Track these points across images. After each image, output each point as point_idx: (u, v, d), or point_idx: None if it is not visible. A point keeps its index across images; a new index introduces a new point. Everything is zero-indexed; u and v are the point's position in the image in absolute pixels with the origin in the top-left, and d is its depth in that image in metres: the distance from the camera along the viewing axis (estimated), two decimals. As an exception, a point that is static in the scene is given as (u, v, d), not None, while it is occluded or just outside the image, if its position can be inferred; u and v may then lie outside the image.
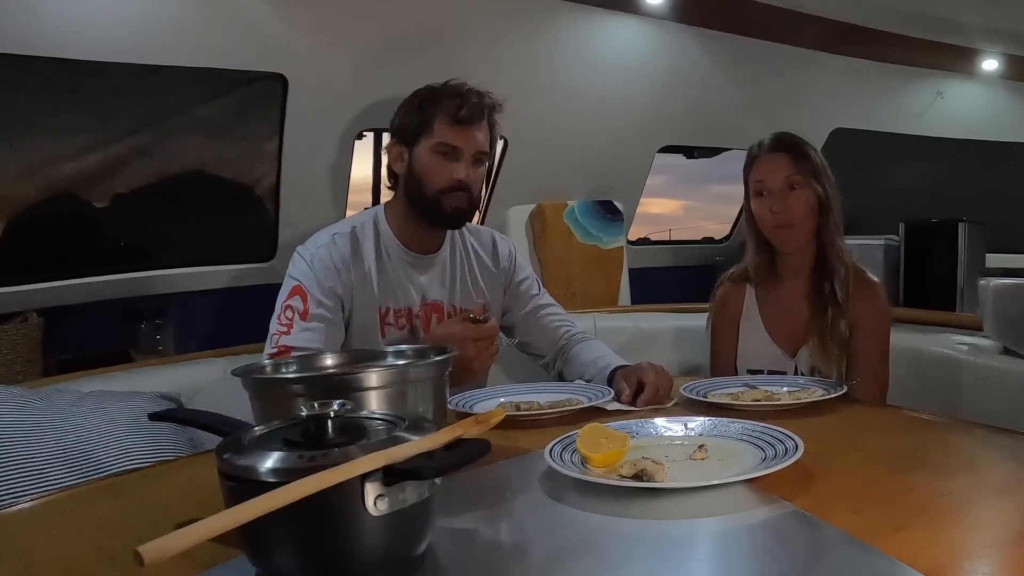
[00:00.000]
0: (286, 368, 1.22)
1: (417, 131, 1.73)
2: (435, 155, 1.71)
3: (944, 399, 1.98)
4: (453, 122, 1.70)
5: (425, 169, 1.72)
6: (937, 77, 4.08)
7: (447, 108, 1.70)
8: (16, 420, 1.58)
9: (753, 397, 1.49)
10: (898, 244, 3.77)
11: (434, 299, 1.81)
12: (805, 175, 1.81)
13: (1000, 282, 1.90)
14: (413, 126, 1.74)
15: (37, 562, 0.91)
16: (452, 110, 1.70)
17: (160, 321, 2.60)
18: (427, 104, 1.73)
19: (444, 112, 1.70)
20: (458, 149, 1.71)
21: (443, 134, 1.70)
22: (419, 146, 1.73)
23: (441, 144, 1.71)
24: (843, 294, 1.81)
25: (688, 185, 4.15)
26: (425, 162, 1.72)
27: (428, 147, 1.72)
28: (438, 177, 1.71)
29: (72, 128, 2.49)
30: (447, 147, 1.71)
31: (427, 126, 1.71)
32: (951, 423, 1.39)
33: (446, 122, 1.70)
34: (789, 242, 1.85)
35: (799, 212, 1.81)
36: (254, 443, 0.77)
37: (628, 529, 0.92)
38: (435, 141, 1.71)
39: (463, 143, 1.71)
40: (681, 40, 3.26)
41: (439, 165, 1.71)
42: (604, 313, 2.72)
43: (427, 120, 1.71)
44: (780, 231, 1.84)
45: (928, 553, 0.79)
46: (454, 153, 1.71)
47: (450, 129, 1.70)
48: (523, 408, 1.47)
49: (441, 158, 1.71)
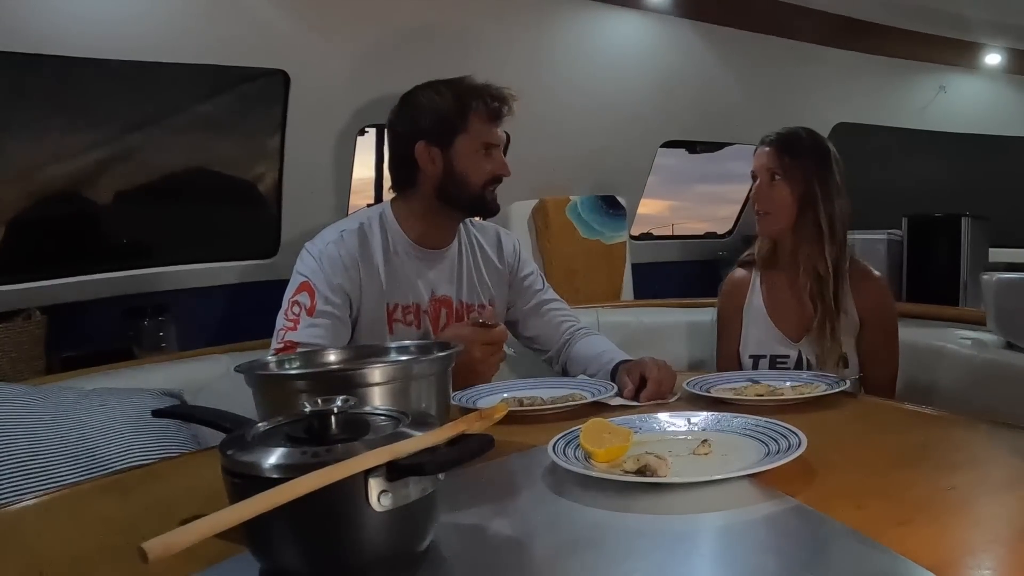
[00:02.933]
0: (289, 364, 1.22)
1: (453, 131, 1.76)
2: (477, 152, 1.77)
3: (947, 394, 1.97)
4: (490, 119, 1.77)
5: (470, 166, 1.77)
6: (940, 71, 4.07)
7: (483, 106, 1.76)
8: (19, 418, 1.58)
9: (756, 392, 1.49)
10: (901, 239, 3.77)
11: (443, 294, 1.83)
12: (788, 169, 1.92)
13: (1003, 276, 1.90)
14: (448, 126, 1.76)
15: (42, 559, 0.91)
16: (489, 108, 1.77)
17: (163, 318, 2.60)
18: (460, 104, 1.76)
19: (481, 110, 1.76)
20: (496, 144, 1.80)
21: (483, 132, 1.77)
22: (457, 145, 1.76)
23: (485, 143, 1.78)
24: (830, 292, 1.87)
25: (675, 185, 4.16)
26: (468, 158, 1.77)
27: (469, 145, 1.76)
28: (484, 171, 1.78)
29: (75, 126, 2.50)
30: (489, 144, 1.78)
31: (464, 125, 1.76)
32: (954, 418, 1.38)
33: (483, 119, 1.77)
34: (764, 228, 1.99)
35: (776, 202, 1.93)
36: (258, 439, 0.77)
37: (631, 524, 0.92)
38: (477, 139, 1.77)
39: (498, 138, 1.81)
40: (683, 35, 3.25)
41: (484, 160, 1.78)
42: (607, 308, 2.71)
43: (463, 119, 1.76)
44: (759, 217, 1.98)
45: (931, 548, 0.79)
46: (493, 148, 1.79)
47: (487, 126, 1.78)
48: (526, 403, 1.47)
49: (483, 154, 1.78)
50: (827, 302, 1.86)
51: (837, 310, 1.86)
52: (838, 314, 1.86)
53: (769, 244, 2.01)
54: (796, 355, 1.91)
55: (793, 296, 1.94)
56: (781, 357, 1.93)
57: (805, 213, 1.91)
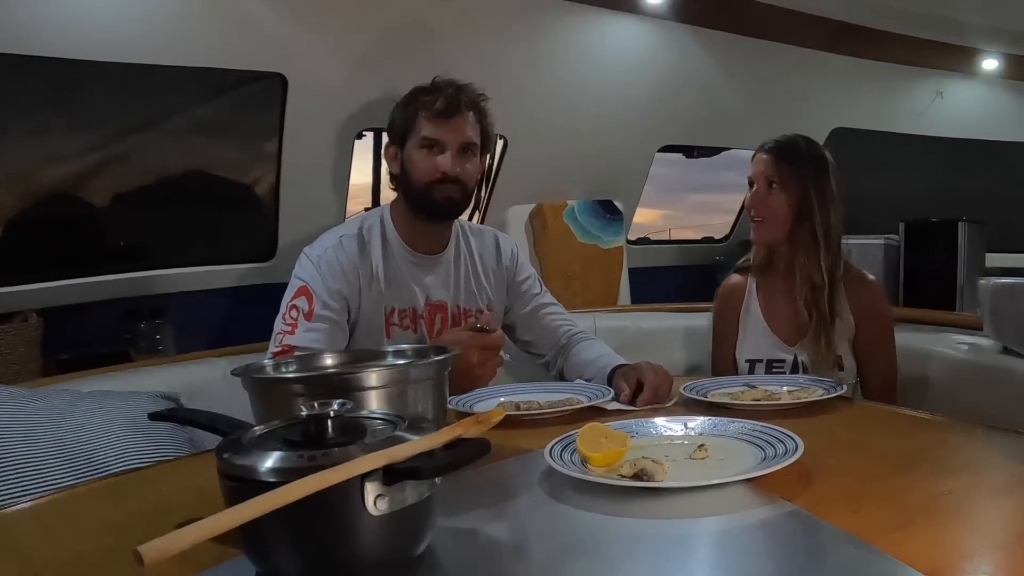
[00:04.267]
0: (286, 368, 1.22)
1: (405, 130, 1.79)
2: (420, 150, 1.77)
3: (944, 399, 1.98)
4: (433, 116, 1.75)
5: (412, 164, 1.77)
6: (937, 76, 4.08)
7: (426, 103, 1.76)
8: (15, 420, 1.58)
9: (753, 397, 1.50)
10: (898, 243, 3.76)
11: (438, 299, 1.83)
12: (785, 178, 1.93)
13: (1000, 281, 1.90)
14: (401, 126, 1.80)
15: (37, 562, 0.91)
16: (430, 105, 1.75)
17: (160, 321, 2.60)
18: (410, 102, 1.79)
19: (424, 108, 1.76)
20: (441, 142, 1.76)
21: (425, 129, 1.76)
22: (408, 144, 1.79)
23: (424, 139, 1.76)
24: (825, 299, 1.88)
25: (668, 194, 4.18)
26: (412, 158, 1.78)
27: (414, 143, 1.77)
28: (424, 170, 1.76)
29: (72, 128, 2.49)
30: (429, 141, 1.76)
31: (412, 123, 1.77)
32: (951, 423, 1.39)
33: (427, 117, 1.76)
34: (759, 236, 1.99)
35: (772, 210, 1.94)
36: (254, 443, 0.77)
37: (628, 528, 0.92)
38: (419, 136, 1.76)
39: (445, 135, 1.76)
40: (681, 39, 3.26)
41: (423, 159, 1.76)
42: (604, 312, 2.72)
43: (411, 118, 1.77)
44: (754, 224, 1.99)
45: (928, 552, 0.79)
46: (438, 146, 1.76)
47: (431, 123, 1.76)
48: (523, 407, 1.47)
49: (426, 152, 1.76)
50: (822, 309, 1.88)
51: (831, 316, 1.88)
52: (832, 320, 1.88)
53: (765, 251, 2.03)
54: (792, 359, 1.93)
55: (789, 302, 1.96)
56: (777, 362, 1.95)
57: (801, 222, 1.92)
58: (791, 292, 1.95)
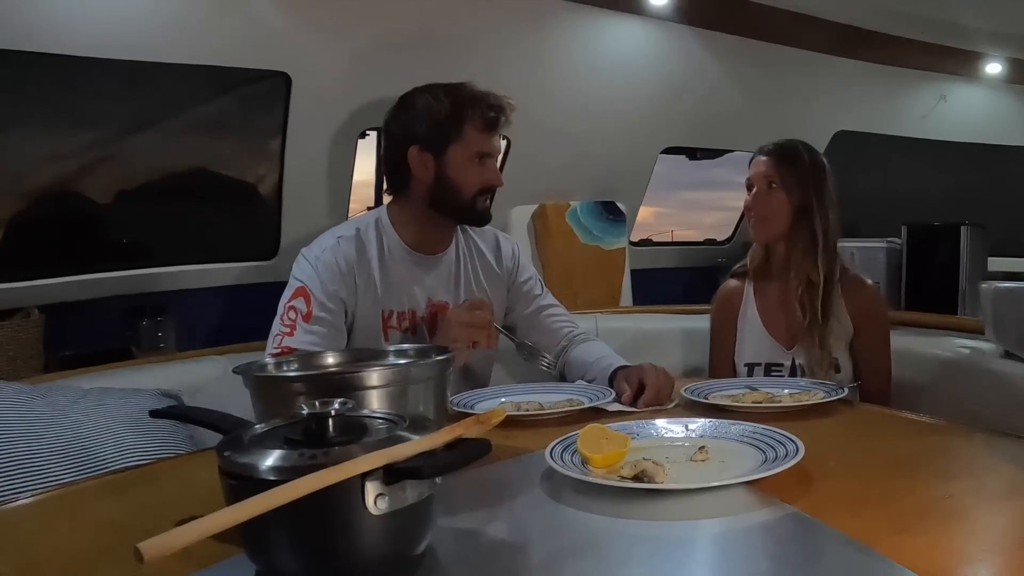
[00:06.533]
0: (287, 366, 1.22)
1: (446, 138, 1.75)
2: (470, 161, 1.75)
3: (945, 402, 1.97)
4: (485, 128, 1.75)
5: (461, 175, 1.76)
6: (941, 80, 4.08)
7: (479, 115, 1.74)
8: (17, 416, 1.58)
9: (754, 399, 1.50)
10: (900, 247, 3.76)
11: (440, 300, 1.82)
12: (785, 179, 1.95)
13: (1002, 286, 1.90)
14: (441, 133, 1.75)
15: (37, 558, 0.91)
16: (485, 118, 1.74)
17: (161, 318, 2.60)
18: (456, 112, 1.74)
19: (477, 119, 1.74)
20: (490, 154, 1.78)
21: (477, 141, 1.75)
22: (449, 152, 1.75)
23: (476, 152, 1.76)
24: (819, 299, 1.89)
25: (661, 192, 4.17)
26: (460, 167, 1.75)
27: (462, 154, 1.75)
28: (475, 181, 1.77)
29: (75, 125, 2.49)
30: (482, 152, 1.76)
31: (458, 133, 1.74)
32: (952, 426, 1.38)
33: (478, 128, 1.75)
34: (759, 234, 2.01)
35: (774, 209, 1.96)
36: (255, 441, 0.77)
37: (628, 530, 0.92)
38: (470, 148, 1.75)
39: (493, 148, 1.79)
40: (684, 41, 3.25)
41: (476, 170, 1.76)
42: (606, 314, 2.72)
43: (458, 127, 1.74)
44: (752, 224, 2.00)
45: (928, 556, 0.79)
46: (489, 158, 1.78)
47: (482, 135, 1.76)
48: (524, 408, 1.47)
49: (476, 163, 1.76)
50: (816, 309, 1.89)
51: (826, 317, 1.89)
52: (827, 321, 1.89)
53: (762, 252, 2.04)
54: (790, 362, 1.94)
55: (785, 303, 1.97)
56: (776, 365, 1.96)
57: (800, 222, 1.95)
58: (787, 294, 1.96)
